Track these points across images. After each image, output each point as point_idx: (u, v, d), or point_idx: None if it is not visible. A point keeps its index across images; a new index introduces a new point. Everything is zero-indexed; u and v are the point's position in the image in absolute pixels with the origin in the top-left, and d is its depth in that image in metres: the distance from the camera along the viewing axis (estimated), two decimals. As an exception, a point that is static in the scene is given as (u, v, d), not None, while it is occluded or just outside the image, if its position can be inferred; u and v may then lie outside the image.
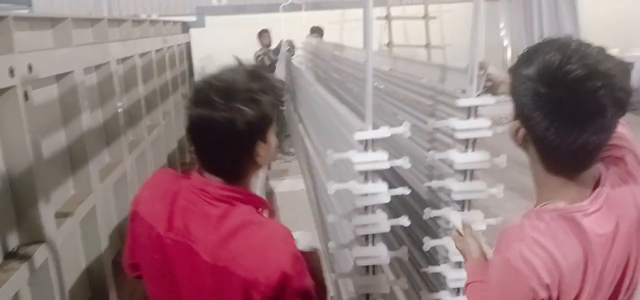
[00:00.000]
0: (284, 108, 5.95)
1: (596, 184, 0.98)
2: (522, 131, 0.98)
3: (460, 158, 1.40)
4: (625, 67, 0.90)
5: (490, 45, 9.70)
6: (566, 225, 0.93)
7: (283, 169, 6.09)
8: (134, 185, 3.89)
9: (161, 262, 1.18)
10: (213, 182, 1.14)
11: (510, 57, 9.60)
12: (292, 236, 1.16)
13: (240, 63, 1.18)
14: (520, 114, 0.97)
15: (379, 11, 8.65)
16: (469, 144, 1.42)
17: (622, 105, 0.88)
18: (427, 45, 8.67)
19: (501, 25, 9.57)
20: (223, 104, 1.08)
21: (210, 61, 9.03)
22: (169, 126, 5.10)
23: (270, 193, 5.53)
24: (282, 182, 5.74)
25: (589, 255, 0.94)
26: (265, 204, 1.21)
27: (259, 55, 6.89)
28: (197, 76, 8.05)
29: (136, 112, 4.02)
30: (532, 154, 1.00)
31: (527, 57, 0.96)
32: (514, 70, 0.99)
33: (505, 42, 9.62)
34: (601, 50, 0.90)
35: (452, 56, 9.32)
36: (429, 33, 8.68)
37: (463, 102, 1.34)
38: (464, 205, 1.46)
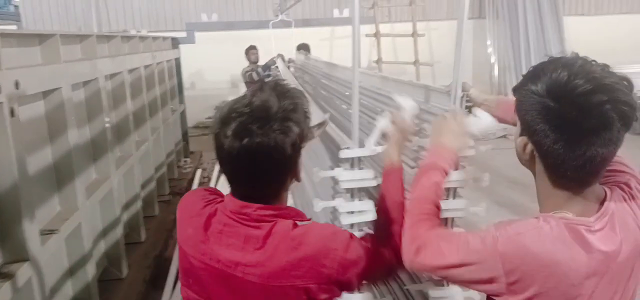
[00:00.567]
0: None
1: (601, 205, 1.01)
2: (529, 146, 1.02)
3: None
4: (629, 83, 0.94)
5: (478, 61, 9.83)
6: (571, 235, 0.96)
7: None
8: (121, 202, 3.87)
9: (197, 286, 1.18)
10: (251, 205, 1.13)
11: (497, 73, 9.72)
12: (337, 228, 1.17)
13: (263, 83, 1.15)
14: (528, 130, 1.00)
15: (368, 28, 8.74)
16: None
17: (627, 119, 0.92)
18: (416, 62, 8.76)
19: (488, 42, 9.71)
20: (263, 130, 1.06)
21: (199, 77, 9.06)
22: (157, 142, 5.08)
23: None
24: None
25: (591, 269, 0.96)
26: (301, 214, 1.19)
27: (247, 71, 6.91)
28: (187, 91, 8.10)
29: (124, 127, 4.01)
30: (538, 169, 1.03)
31: (533, 75, 1.00)
32: (520, 88, 1.02)
33: (493, 59, 9.75)
34: (605, 67, 0.95)
35: (440, 73, 9.44)
36: (417, 50, 8.77)
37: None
38: (446, 222, 1.48)
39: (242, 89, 7.46)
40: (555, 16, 9.39)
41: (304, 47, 6.48)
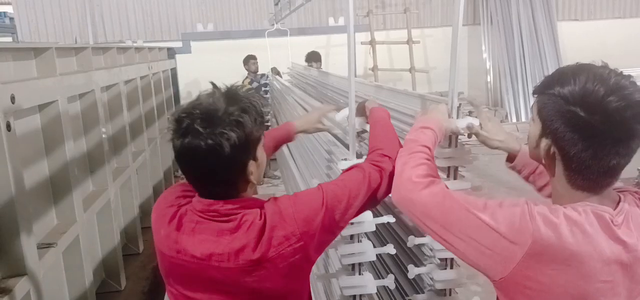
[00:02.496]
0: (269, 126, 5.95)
1: (616, 206, 1.04)
2: (552, 149, 1.05)
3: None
4: None
5: (473, 67, 9.88)
6: (597, 220, 1.00)
7: (269, 194, 6.06)
8: (119, 213, 3.86)
9: (178, 284, 1.23)
10: (218, 201, 1.18)
11: (492, 78, 9.76)
12: (293, 195, 1.23)
13: (215, 88, 1.21)
14: (554, 134, 1.03)
15: (363, 36, 8.77)
16: (451, 172, 1.44)
17: None
18: (411, 69, 8.79)
19: (483, 48, 9.75)
20: (207, 131, 1.11)
21: (196, 86, 9.06)
22: (154, 152, 5.08)
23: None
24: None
25: (614, 255, 0.98)
26: (268, 203, 1.23)
27: (244, 80, 6.93)
28: (184, 101, 8.10)
29: (121, 139, 4.01)
30: (558, 170, 1.07)
31: (561, 79, 1.03)
32: (543, 91, 1.06)
33: (488, 65, 9.79)
34: (631, 79, 1.00)
35: (436, 79, 9.48)
36: (412, 57, 8.81)
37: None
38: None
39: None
40: (549, 22, 9.44)
41: (314, 57, 6.14)
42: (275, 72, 6.60)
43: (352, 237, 1.55)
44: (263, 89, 6.67)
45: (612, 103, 0.95)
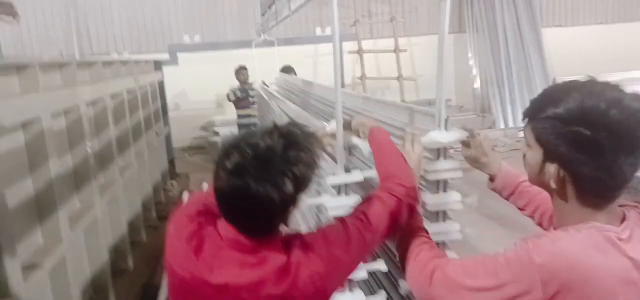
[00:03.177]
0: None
1: (622, 221, 1.04)
2: (562, 173, 1.02)
3: (432, 199, 1.42)
4: (638, 95, 0.99)
5: (460, 74, 9.95)
6: (604, 240, 0.98)
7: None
8: (107, 230, 3.80)
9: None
10: (245, 234, 1.13)
11: (479, 85, 9.82)
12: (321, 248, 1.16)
13: (276, 127, 1.14)
14: (561, 159, 1.01)
15: (351, 45, 8.80)
16: (440, 184, 1.43)
17: None
18: (399, 77, 8.83)
19: (469, 55, 9.82)
20: (259, 175, 1.05)
21: (183, 98, 9.01)
22: (142, 166, 5.01)
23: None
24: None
25: (625, 274, 0.97)
26: (296, 237, 1.19)
27: (231, 91, 6.92)
28: (172, 113, 8.04)
29: (107, 154, 3.95)
30: (570, 192, 1.04)
31: (551, 100, 1.02)
32: (536, 115, 1.04)
33: (474, 71, 9.86)
34: (618, 88, 0.99)
35: (423, 86, 9.53)
36: (400, 65, 8.85)
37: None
38: (438, 246, 1.47)
39: (228, 109, 7.44)
40: (534, 28, 9.55)
41: (287, 70, 6.48)
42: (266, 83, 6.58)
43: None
44: (250, 98, 6.66)
45: (615, 116, 0.94)
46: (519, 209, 1.43)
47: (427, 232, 1.29)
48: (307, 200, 1.47)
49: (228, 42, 8.93)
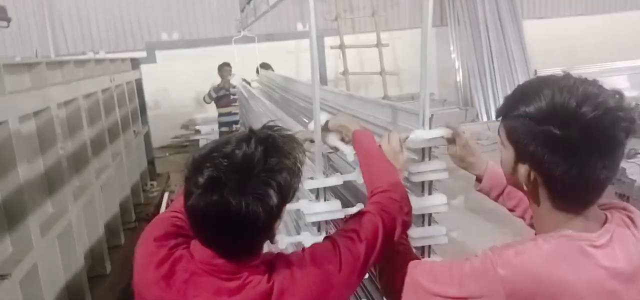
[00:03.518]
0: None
1: (602, 225, 0.98)
2: (533, 174, 0.97)
3: (417, 202, 1.35)
4: (621, 95, 0.92)
5: (443, 67, 9.95)
6: (573, 251, 0.92)
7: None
8: (82, 234, 3.67)
9: None
10: (221, 257, 1.01)
11: (461, 78, 9.83)
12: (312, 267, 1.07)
13: (252, 133, 1.01)
14: (532, 160, 0.95)
15: (333, 40, 8.72)
16: (425, 186, 1.37)
17: (631, 134, 0.91)
18: (382, 72, 8.78)
19: (451, 48, 9.82)
20: (239, 189, 0.93)
21: (163, 95, 8.85)
22: (120, 167, 4.88)
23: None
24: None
25: (597, 285, 0.92)
26: (277, 258, 1.09)
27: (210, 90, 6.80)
28: (151, 112, 7.88)
29: (82, 156, 3.82)
30: (541, 194, 0.98)
31: (523, 98, 0.95)
32: (509, 114, 0.98)
33: (457, 64, 9.87)
34: (597, 84, 0.93)
35: (406, 81, 9.50)
36: (382, 60, 8.80)
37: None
38: (423, 251, 1.41)
39: (209, 106, 7.32)
40: (515, 20, 9.59)
41: (265, 67, 6.40)
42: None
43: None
44: (232, 96, 6.54)
45: (587, 114, 0.88)
46: (508, 210, 1.37)
47: (407, 242, 1.23)
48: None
49: (208, 39, 8.79)
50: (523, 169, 0.98)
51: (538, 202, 1.00)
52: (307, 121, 2.95)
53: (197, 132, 8.61)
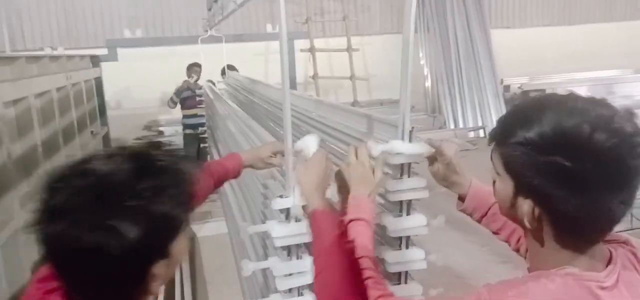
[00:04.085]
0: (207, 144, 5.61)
1: (608, 264, 0.86)
2: (537, 211, 0.83)
3: (394, 224, 1.22)
4: (634, 116, 0.80)
5: (412, 74, 9.90)
6: (581, 292, 0.80)
7: (206, 211, 5.70)
8: (30, 245, 3.41)
9: None
10: None
11: (430, 84, 9.85)
12: None
13: (122, 148, 0.82)
14: (535, 193, 0.82)
15: (303, 43, 8.57)
16: (404, 206, 1.24)
17: None
18: (352, 77, 8.69)
19: (421, 54, 9.83)
20: (93, 217, 0.72)
21: (126, 95, 8.51)
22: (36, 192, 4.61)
23: (191, 238, 5.14)
24: (205, 225, 5.36)
25: None
26: None
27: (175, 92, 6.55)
28: (112, 112, 7.55)
29: (32, 159, 3.56)
30: (547, 233, 0.85)
31: (522, 121, 0.82)
32: (504, 140, 0.84)
33: (426, 71, 9.88)
34: (608, 104, 0.81)
35: (375, 86, 9.45)
36: (352, 65, 8.71)
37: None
38: (400, 276, 1.28)
39: (174, 109, 7.06)
40: (483, 28, 9.67)
41: (230, 69, 6.21)
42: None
43: (291, 290, 1.30)
44: (197, 98, 6.32)
45: (603, 142, 0.75)
46: (492, 232, 1.25)
47: (374, 262, 1.07)
48: (248, 229, 1.23)
49: (173, 37, 8.50)
50: (525, 204, 0.84)
51: (542, 241, 0.86)
52: (280, 130, 2.80)
53: (160, 133, 8.31)
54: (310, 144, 1.20)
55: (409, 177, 1.23)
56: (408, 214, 1.25)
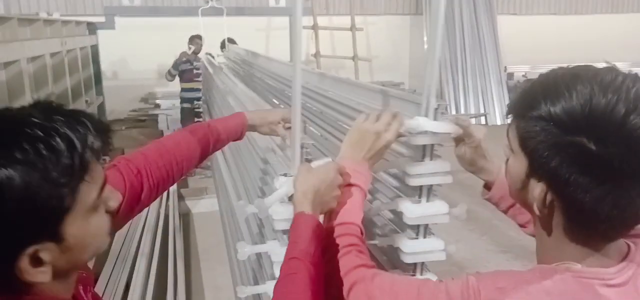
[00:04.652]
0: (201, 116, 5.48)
1: (623, 259, 0.76)
2: (550, 197, 0.72)
3: (414, 210, 1.10)
4: None
5: (415, 57, 9.82)
6: (582, 291, 0.71)
7: (201, 187, 5.59)
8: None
9: None
10: None
11: (432, 69, 9.73)
12: None
13: (38, 102, 0.72)
14: (551, 176, 0.71)
15: (306, 20, 8.40)
16: (424, 191, 1.12)
17: None
18: (354, 57, 8.54)
19: (425, 38, 9.67)
20: None
21: (122, 65, 8.34)
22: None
23: (186, 215, 5.04)
24: (200, 201, 5.25)
25: None
26: None
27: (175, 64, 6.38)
28: (108, 82, 7.39)
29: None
30: (557, 222, 0.75)
31: (545, 93, 0.71)
32: (524, 112, 0.73)
33: (429, 55, 9.75)
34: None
35: (377, 68, 9.30)
36: (356, 45, 8.55)
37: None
38: (415, 268, 1.17)
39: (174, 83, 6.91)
40: (490, 14, 9.51)
41: (230, 42, 6.06)
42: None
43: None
44: (195, 71, 6.17)
45: (638, 125, 0.65)
46: (519, 225, 1.14)
47: (361, 231, 0.97)
48: (247, 208, 1.11)
49: (172, 7, 8.30)
50: (537, 187, 0.74)
51: (550, 230, 0.77)
52: (280, 105, 2.67)
53: (157, 106, 8.15)
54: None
55: (431, 159, 1.11)
56: (428, 200, 1.13)
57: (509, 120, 0.80)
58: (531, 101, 0.73)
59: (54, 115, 0.69)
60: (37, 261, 0.68)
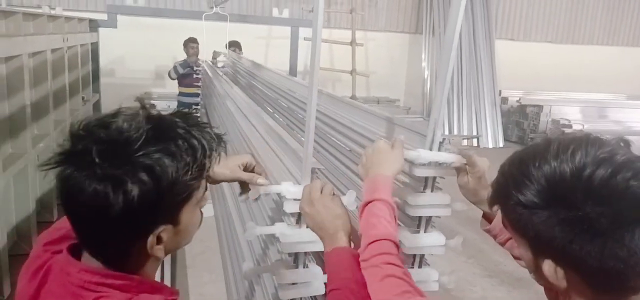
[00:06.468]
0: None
1: None
2: (560, 272, 0.75)
3: (410, 240, 1.12)
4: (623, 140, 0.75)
5: (412, 75, 9.86)
6: None
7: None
8: (10, 208, 3.28)
9: None
10: (77, 263, 0.82)
11: (428, 88, 9.77)
12: None
13: (143, 106, 0.83)
14: (560, 254, 0.73)
15: (307, 32, 8.44)
16: (422, 222, 1.15)
17: None
18: (353, 72, 8.57)
19: (423, 56, 9.74)
20: (102, 166, 0.74)
21: (121, 64, 8.32)
22: (62, 136, 4.46)
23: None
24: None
25: None
26: (158, 289, 0.85)
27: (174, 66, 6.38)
28: (105, 80, 7.35)
29: (19, 120, 3.41)
30: (579, 290, 0.76)
31: (513, 182, 0.76)
32: (505, 203, 0.77)
33: (426, 74, 9.80)
34: (602, 140, 0.74)
35: (375, 84, 9.34)
36: (355, 59, 8.59)
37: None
38: (414, 259, 1.18)
39: (169, 82, 6.90)
40: (489, 39, 9.59)
41: (234, 45, 6.07)
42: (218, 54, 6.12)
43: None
44: (195, 75, 6.19)
45: (597, 178, 0.69)
46: (514, 258, 1.16)
47: (397, 247, 0.99)
48: (252, 230, 1.12)
49: (176, 10, 8.30)
50: (546, 265, 0.76)
51: (564, 293, 0.78)
52: (278, 118, 2.67)
53: (152, 106, 8.12)
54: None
55: (431, 191, 1.13)
56: (425, 231, 1.15)
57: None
58: (505, 192, 0.77)
59: (190, 123, 0.83)
60: (158, 239, 0.81)
